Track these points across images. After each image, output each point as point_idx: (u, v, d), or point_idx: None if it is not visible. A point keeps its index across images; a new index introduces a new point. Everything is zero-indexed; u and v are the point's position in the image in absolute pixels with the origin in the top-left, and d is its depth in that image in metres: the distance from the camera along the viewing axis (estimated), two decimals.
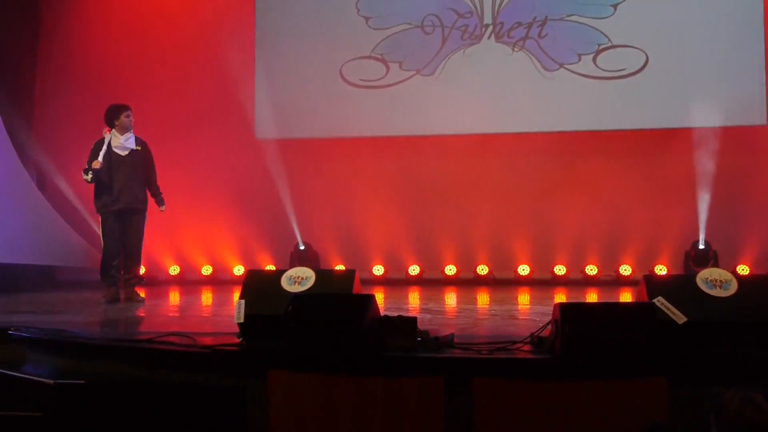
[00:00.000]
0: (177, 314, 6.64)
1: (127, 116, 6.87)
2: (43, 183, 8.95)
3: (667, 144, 8.14)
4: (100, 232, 6.97)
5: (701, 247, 7.90)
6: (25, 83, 9.47)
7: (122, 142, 6.81)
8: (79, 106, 8.88)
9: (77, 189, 8.12)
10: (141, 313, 6.69)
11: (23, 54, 9.50)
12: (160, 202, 7.09)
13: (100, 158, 6.62)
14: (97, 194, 6.84)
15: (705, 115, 7.92)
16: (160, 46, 9.09)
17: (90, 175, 6.66)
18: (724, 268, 5.35)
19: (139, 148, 6.90)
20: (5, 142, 8.19)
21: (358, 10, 8.76)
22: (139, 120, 7.24)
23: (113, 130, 6.83)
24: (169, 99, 8.88)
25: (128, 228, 6.91)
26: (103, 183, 6.75)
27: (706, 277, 4.28)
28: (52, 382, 4.49)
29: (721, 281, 4.24)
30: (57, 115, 9.14)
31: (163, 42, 9.08)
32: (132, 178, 6.82)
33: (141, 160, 6.92)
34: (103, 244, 6.92)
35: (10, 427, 4.32)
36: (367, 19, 8.76)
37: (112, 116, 6.88)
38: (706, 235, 7.93)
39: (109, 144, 6.75)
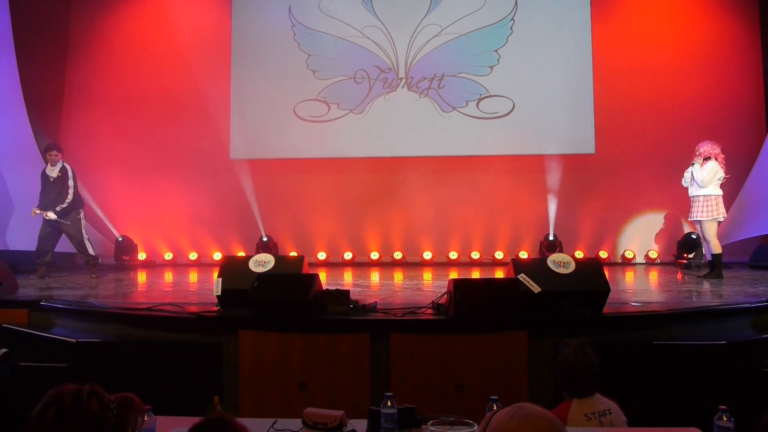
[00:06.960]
0: (171, 289, 6.44)
1: (50, 154, 6.91)
2: None
3: (528, 166, 8.30)
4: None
5: (551, 238, 8.07)
6: (54, 93, 8.71)
7: (51, 171, 6.96)
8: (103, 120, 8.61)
9: (93, 193, 7.76)
10: (143, 288, 6.49)
11: (53, 66, 8.68)
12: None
13: (41, 181, 6.84)
14: (39, 202, 6.90)
15: (553, 145, 8.18)
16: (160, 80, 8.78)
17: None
18: (566, 253, 5.52)
19: (60, 174, 6.93)
20: (33, 150, 7.70)
21: (308, 65, 8.68)
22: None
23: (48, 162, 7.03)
24: (167, 130, 8.59)
25: (65, 230, 6.89)
26: (42, 197, 6.87)
27: (554, 259, 4.36)
28: (74, 340, 4.39)
29: (564, 262, 4.32)
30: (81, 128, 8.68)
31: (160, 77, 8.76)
32: (58, 194, 6.84)
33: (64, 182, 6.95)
34: (38, 239, 6.87)
35: (43, 375, 4.17)
36: (314, 71, 8.68)
37: (43, 152, 7.12)
38: (554, 229, 8.12)
39: (45, 170, 6.95)
